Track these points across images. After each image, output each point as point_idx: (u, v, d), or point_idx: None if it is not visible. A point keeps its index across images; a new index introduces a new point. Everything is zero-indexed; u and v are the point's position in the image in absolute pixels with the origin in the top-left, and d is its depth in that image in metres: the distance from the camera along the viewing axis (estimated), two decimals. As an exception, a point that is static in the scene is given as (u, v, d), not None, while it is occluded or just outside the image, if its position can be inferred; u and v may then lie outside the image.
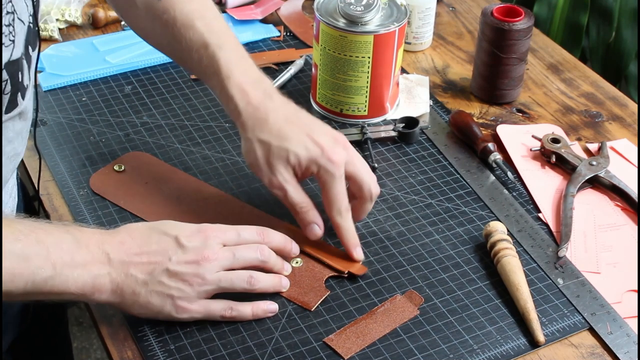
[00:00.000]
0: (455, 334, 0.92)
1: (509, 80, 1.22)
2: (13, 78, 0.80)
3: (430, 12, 1.33)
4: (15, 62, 0.80)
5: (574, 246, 1.02)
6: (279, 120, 0.96)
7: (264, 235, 0.92)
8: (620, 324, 0.93)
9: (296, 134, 0.96)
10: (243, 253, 0.90)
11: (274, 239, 0.93)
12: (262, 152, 0.95)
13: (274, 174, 0.95)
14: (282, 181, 0.95)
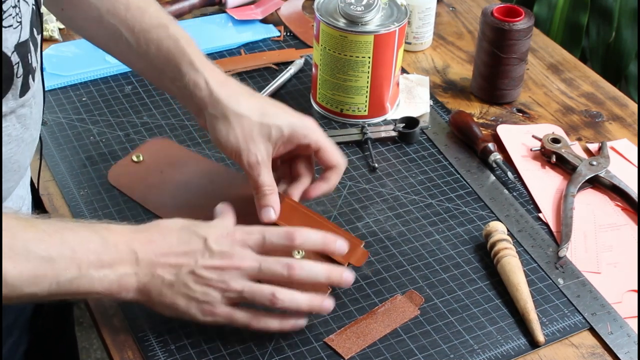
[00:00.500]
0: (456, 334, 0.92)
1: (509, 80, 1.22)
2: (23, 60, 0.80)
3: (430, 12, 1.33)
4: (25, 43, 0.80)
5: (575, 246, 1.02)
6: (252, 95, 0.96)
7: (294, 238, 0.88)
8: (621, 324, 0.93)
9: (272, 108, 0.96)
10: (270, 266, 0.86)
11: (309, 238, 0.89)
12: (243, 128, 0.94)
13: (253, 152, 0.93)
14: (259, 159, 0.94)
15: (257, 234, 0.87)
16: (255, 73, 1.28)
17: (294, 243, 0.88)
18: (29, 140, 0.88)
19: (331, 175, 0.99)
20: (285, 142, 0.95)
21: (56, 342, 1.15)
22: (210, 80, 0.96)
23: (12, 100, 0.81)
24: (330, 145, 0.98)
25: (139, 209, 1.05)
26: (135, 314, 0.92)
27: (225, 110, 0.94)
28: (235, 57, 1.31)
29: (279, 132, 0.94)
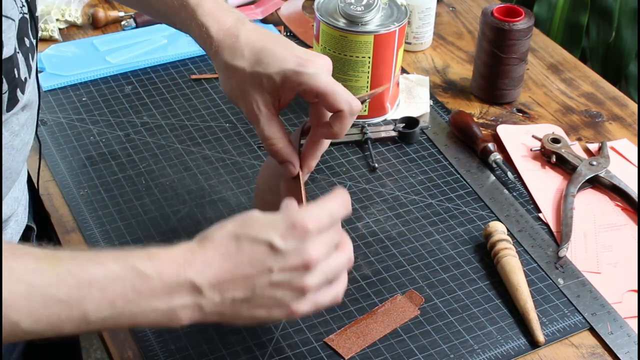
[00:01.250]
0: (456, 334, 0.92)
1: (509, 80, 1.22)
2: (8, 76, 0.80)
3: (430, 12, 1.33)
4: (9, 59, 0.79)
5: (574, 246, 1.02)
6: (252, 42, 0.89)
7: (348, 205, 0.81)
8: (621, 324, 0.93)
9: (270, 53, 0.88)
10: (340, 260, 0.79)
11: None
12: (237, 80, 0.89)
13: (249, 102, 0.88)
14: (256, 111, 0.88)
15: (326, 215, 0.77)
16: (255, 73, 1.28)
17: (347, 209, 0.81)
18: (20, 146, 0.87)
19: (334, 121, 0.87)
20: (284, 90, 0.88)
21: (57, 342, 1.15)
22: (213, 31, 0.91)
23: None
24: (333, 88, 0.86)
25: (139, 209, 1.05)
26: (135, 314, 0.92)
27: (222, 64, 0.91)
28: (235, 57, 1.31)
29: (271, 82, 0.87)
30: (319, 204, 0.78)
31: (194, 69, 1.29)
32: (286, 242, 0.74)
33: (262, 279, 0.74)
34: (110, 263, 0.71)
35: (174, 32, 1.34)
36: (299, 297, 0.76)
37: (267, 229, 0.75)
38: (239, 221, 0.76)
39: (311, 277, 0.75)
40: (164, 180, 1.09)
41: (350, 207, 0.79)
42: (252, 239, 0.74)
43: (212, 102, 1.22)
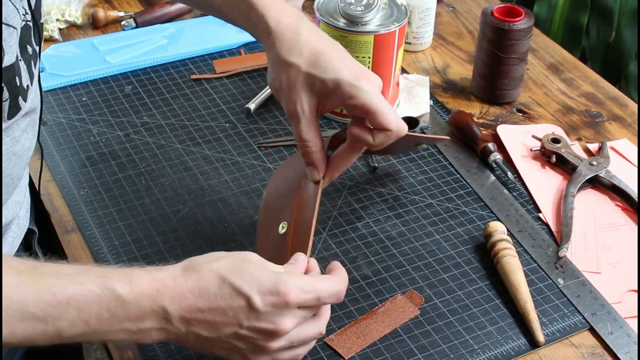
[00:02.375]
0: (456, 334, 0.92)
1: (509, 80, 1.22)
2: (10, 84, 0.79)
3: (430, 12, 1.33)
4: (10, 67, 0.79)
5: (574, 246, 1.02)
6: (311, 43, 0.88)
7: (341, 298, 0.81)
8: (621, 324, 0.93)
9: (328, 58, 0.87)
10: (309, 332, 0.80)
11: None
12: (288, 76, 0.88)
13: (294, 100, 0.87)
14: (299, 110, 0.87)
15: (312, 294, 0.78)
16: (255, 73, 1.28)
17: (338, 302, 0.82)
18: (21, 152, 0.87)
19: (378, 135, 0.87)
20: (332, 98, 0.88)
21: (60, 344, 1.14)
22: (272, 23, 0.90)
23: None
24: (384, 109, 0.86)
25: (139, 209, 1.05)
26: (135, 314, 0.92)
27: (276, 56, 0.89)
28: (235, 57, 1.31)
29: (323, 87, 0.87)
30: (313, 280, 0.79)
31: (194, 69, 1.29)
32: (264, 305, 0.75)
33: (229, 329, 0.76)
34: (90, 284, 0.73)
35: (174, 32, 1.35)
36: (259, 353, 0.79)
37: (252, 284, 0.76)
38: (231, 262, 0.77)
39: (275, 343, 0.78)
40: (164, 180, 1.09)
41: (342, 297, 0.81)
42: (235, 288, 0.75)
43: (212, 102, 1.22)
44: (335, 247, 1.01)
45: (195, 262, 0.77)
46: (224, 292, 0.75)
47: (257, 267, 0.77)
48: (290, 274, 0.79)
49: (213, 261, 0.77)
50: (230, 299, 0.75)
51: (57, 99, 1.22)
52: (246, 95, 1.24)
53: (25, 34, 0.82)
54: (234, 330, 0.76)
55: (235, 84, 1.26)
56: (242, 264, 0.77)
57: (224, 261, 0.77)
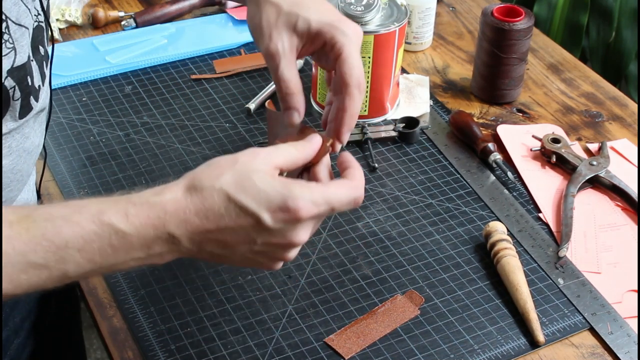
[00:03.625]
0: (456, 334, 0.92)
1: (509, 80, 1.22)
2: (21, 84, 0.80)
3: (430, 12, 1.33)
4: (22, 67, 0.79)
5: (575, 246, 1.02)
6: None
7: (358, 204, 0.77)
8: (621, 324, 0.93)
9: (310, 1, 0.86)
10: (314, 229, 0.78)
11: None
12: (269, 14, 0.85)
13: (274, 39, 0.84)
14: (280, 49, 0.84)
15: (325, 206, 0.74)
16: (255, 73, 1.28)
17: (355, 207, 0.78)
18: (31, 149, 0.87)
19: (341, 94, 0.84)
20: (312, 39, 0.85)
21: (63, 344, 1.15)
22: None
23: (12, 121, 0.81)
24: (353, 58, 0.83)
25: (139, 209, 1.05)
26: (135, 314, 0.92)
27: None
28: (235, 57, 1.31)
29: (306, 25, 0.84)
30: (325, 190, 0.74)
31: (194, 69, 1.29)
32: (275, 222, 0.72)
33: (243, 246, 0.73)
34: (87, 223, 0.70)
35: (174, 32, 1.35)
36: (278, 261, 0.76)
37: (260, 202, 0.72)
38: (236, 177, 0.73)
39: (292, 252, 0.75)
40: (164, 180, 1.09)
41: (360, 202, 0.77)
42: (242, 207, 0.71)
43: (212, 102, 1.22)
44: (335, 247, 1.01)
45: (197, 180, 0.73)
46: (230, 212, 0.71)
47: (264, 180, 0.72)
48: (301, 184, 0.74)
49: (216, 177, 0.73)
50: (238, 218, 0.72)
51: (57, 99, 1.22)
52: (246, 95, 1.24)
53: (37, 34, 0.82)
54: (248, 247, 0.73)
55: (235, 84, 1.26)
56: (248, 177, 0.72)
57: (228, 176, 0.73)
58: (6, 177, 0.83)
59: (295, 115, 0.84)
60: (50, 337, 1.08)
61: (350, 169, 0.79)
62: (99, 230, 0.70)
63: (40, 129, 0.89)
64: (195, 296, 0.94)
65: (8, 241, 0.68)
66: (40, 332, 1.04)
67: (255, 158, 0.74)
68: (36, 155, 0.90)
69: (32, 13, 0.81)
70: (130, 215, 0.71)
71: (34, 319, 1.02)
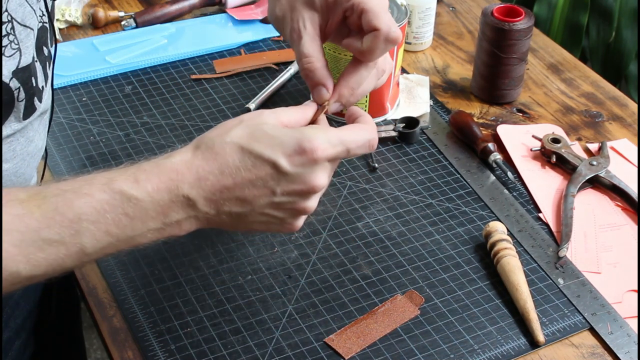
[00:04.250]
0: (456, 334, 0.92)
1: (509, 80, 1.22)
2: (26, 85, 0.80)
3: (430, 12, 1.33)
4: (26, 68, 0.79)
5: (575, 246, 1.02)
6: None
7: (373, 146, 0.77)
8: (621, 324, 0.93)
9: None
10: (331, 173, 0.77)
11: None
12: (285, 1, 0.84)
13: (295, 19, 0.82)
14: (300, 27, 0.82)
15: (340, 146, 0.73)
16: (255, 73, 1.28)
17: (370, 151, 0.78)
18: (34, 152, 0.87)
19: (367, 38, 0.80)
20: (331, 9, 0.82)
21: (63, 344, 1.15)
22: None
23: (16, 122, 0.81)
24: (377, 8, 0.80)
25: (139, 209, 1.05)
26: (135, 314, 0.92)
27: None
28: (235, 57, 1.31)
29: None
30: (339, 132, 0.74)
31: (194, 69, 1.29)
32: (292, 165, 0.71)
33: (263, 199, 0.72)
34: (97, 192, 0.68)
35: (174, 32, 1.35)
36: (298, 216, 0.75)
37: (275, 147, 0.71)
38: (246, 130, 0.72)
39: (312, 201, 0.74)
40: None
41: (375, 145, 0.76)
42: (257, 156, 0.70)
43: (212, 102, 1.22)
44: (335, 247, 1.01)
45: (205, 139, 0.72)
46: (246, 163, 0.70)
47: (274, 128, 0.72)
48: (313, 127, 0.74)
49: (225, 133, 0.72)
50: (255, 168, 0.70)
51: (57, 99, 1.22)
52: (246, 95, 1.24)
53: (41, 35, 0.82)
54: (267, 199, 0.72)
55: (235, 84, 1.26)
56: (258, 128, 0.72)
57: (238, 130, 0.72)
58: (9, 181, 0.83)
59: (322, 91, 0.82)
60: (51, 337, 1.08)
61: (361, 117, 0.79)
62: (111, 199, 0.68)
63: (43, 131, 0.89)
64: (195, 296, 0.94)
65: (20, 219, 0.67)
66: (41, 333, 1.04)
67: (261, 115, 0.74)
68: (38, 159, 0.90)
69: (37, 14, 0.81)
70: (140, 180, 0.69)
71: (35, 320, 1.02)
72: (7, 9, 0.75)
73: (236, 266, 0.98)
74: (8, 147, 0.81)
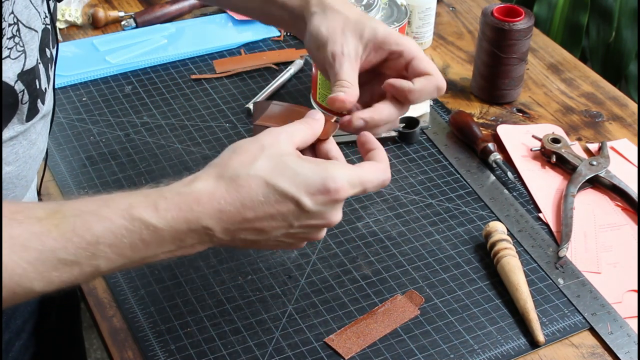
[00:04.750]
0: (456, 334, 0.92)
1: (509, 80, 1.22)
2: (30, 87, 0.80)
3: (430, 12, 1.33)
4: (31, 70, 0.79)
5: (575, 246, 1.02)
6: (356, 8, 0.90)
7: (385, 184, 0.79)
8: (621, 324, 0.93)
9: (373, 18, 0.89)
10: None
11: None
12: (336, 22, 0.86)
13: (340, 43, 0.84)
14: (345, 51, 0.84)
15: (359, 187, 0.75)
16: (255, 73, 1.28)
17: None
18: (36, 154, 0.87)
19: (418, 81, 0.85)
20: (377, 47, 0.85)
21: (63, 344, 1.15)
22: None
23: (19, 124, 0.81)
24: (425, 58, 0.87)
25: (139, 209, 1.05)
26: (135, 314, 0.92)
27: (325, 6, 0.88)
28: (235, 57, 1.31)
29: (373, 33, 0.85)
30: (360, 172, 0.76)
31: (194, 69, 1.29)
32: (315, 204, 0.72)
33: (279, 231, 0.74)
34: (116, 217, 0.69)
35: (174, 32, 1.35)
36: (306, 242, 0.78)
37: (299, 185, 0.72)
38: (270, 163, 0.72)
39: (323, 232, 0.77)
40: (164, 180, 1.09)
41: (388, 182, 0.79)
42: (282, 192, 0.71)
43: (212, 102, 1.22)
44: (335, 247, 1.01)
45: (229, 169, 0.72)
46: (269, 198, 0.71)
47: (297, 162, 0.73)
48: (335, 165, 0.75)
49: (249, 164, 0.72)
50: (277, 203, 0.71)
51: (57, 99, 1.22)
52: (246, 95, 1.24)
53: (45, 37, 0.83)
54: (284, 231, 0.74)
55: (235, 84, 1.26)
56: (282, 161, 0.72)
57: (262, 162, 0.72)
58: (11, 183, 0.83)
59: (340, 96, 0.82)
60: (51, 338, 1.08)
61: (376, 150, 0.81)
62: (130, 225, 0.69)
63: (45, 133, 0.89)
64: (195, 296, 0.94)
65: (37, 238, 0.67)
66: (41, 334, 1.04)
67: (279, 140, 0.74)
68: (40, 161, 0.90)
69: (41, 16, 0.81)
70: (160, 209, 0.70)
71: (36, 321, 1.02)
72: (13, 11, 0.75)
73: (236, 266, 0.98)
74: (11, 149, 0.81)
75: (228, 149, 0.75)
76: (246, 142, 0.74)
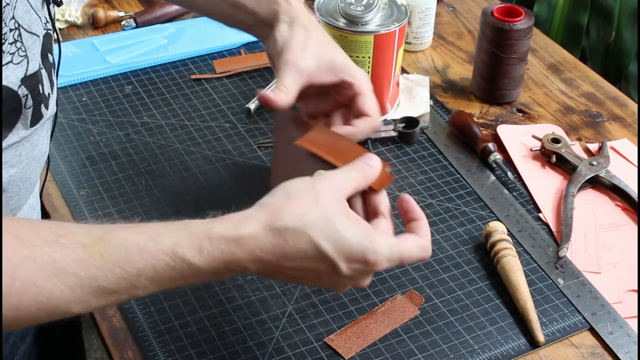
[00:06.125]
0: (456, 334, 0.92)
1: (509, 80, 1.22)
2: (33, 92, 0.80)
3: (430, 12, 1.33)
4: (34, 75, 0.80)
5: (575, 246, 1.02)
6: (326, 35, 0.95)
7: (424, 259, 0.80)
8: (621, 324, 0.93)
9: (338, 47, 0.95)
10: None
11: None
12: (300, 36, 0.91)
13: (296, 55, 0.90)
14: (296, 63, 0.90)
15: (396, 262, 0.77)
16: (255, 73, 1.28)
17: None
18: (39, 156, 0.88)
19: (360, 123, 0.91)
20: (332, 72, 0.91)
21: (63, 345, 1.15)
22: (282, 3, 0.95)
23: (23, 129, 0.81)
24: (371, 96, 0.92)
25: (139, 209, 1.05)
26: (135, 314, 0.92)
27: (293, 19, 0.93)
28: (235, 57, 1.31)
29: (331, 58, 0.91)
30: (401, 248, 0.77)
31: (194, 69, 1.29)
32: (350, 270, 0.74)
33: (310, 280, 0.77)
34: (161, 254, 0.70)
35: (174, 32, 1.35)
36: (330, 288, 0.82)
37: (341, 253, 0.73)
38: (321, 223, 0.73)
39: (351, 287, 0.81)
40: (164, 180, 1.09)
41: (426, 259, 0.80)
42: (322, 254, 0.73)
43: (212, 102, 1.22)
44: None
45: (279, 219, 0.73)
46: (309, 256, 0.73)
47: (345, 225, 0.74)
48: (380, 235, 0.76)
49: (300, 217, 0.73)
50: (315, 261, 0.74)
51: (57, 99, 1.22)
52: (246, 95, 1.24)
53: (46, 42, 0.83)
54: (315, 280, 0.77)
55: (235, 84, 1.26)
56: (331, 223, 0.73)
57: (313, 217, 0.73)
58: (15, 186, 0.84)
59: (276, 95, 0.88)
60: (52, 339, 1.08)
61: (419, 221, 0.80)
62: (172, 262, 0.71)
63: (47, 135, 0.90)
64: (195, 296, 0.94)
65: (80, 264, 0.69)
66: (44, 336, 1.04)
67: (333, 191, 0.76)
68: (42, 163, 0.90)
69: (42, 21, 0.81)
70: (204, 251, 0.72)
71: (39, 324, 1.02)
72: (14, 16, 0.75)
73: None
74: (14, 152, 0.82)
75: (282, 190, 0.76)
76: (301, 188, 0.76)
